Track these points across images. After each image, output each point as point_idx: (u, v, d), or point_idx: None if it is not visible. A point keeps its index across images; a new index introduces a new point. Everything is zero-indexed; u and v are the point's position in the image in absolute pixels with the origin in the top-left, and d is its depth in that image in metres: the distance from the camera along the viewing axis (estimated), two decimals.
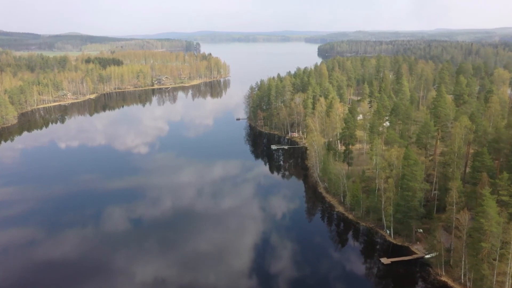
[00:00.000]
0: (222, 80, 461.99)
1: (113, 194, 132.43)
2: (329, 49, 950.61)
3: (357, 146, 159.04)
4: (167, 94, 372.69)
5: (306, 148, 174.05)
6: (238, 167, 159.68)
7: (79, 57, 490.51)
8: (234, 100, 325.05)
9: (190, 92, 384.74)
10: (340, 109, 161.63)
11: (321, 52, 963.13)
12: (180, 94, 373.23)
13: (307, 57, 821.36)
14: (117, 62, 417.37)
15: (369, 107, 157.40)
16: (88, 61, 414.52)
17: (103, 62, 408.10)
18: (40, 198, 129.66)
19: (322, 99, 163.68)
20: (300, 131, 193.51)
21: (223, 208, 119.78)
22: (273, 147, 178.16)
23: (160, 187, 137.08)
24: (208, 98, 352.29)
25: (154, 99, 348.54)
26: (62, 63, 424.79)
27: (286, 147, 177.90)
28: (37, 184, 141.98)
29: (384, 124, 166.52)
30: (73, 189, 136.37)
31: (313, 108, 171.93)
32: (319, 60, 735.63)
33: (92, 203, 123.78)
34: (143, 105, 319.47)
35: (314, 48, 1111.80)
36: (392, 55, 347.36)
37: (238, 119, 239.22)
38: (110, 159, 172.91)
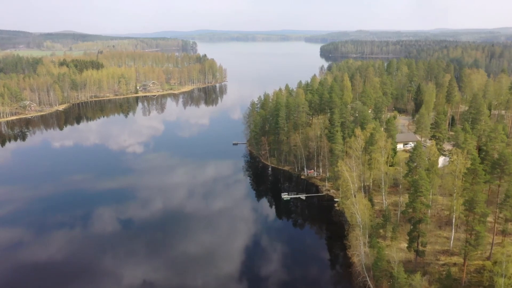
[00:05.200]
0: (217, 85, 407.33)
1: None
2: (332, 50, 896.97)
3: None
4: (153, 103, 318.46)
5: (332, 199, 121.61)
6: (229, 237, 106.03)
7: (56, 59, 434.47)
8: (231, 114, 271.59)
9: (180, 100, 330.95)
10: (387, 146, 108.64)
11: (324, 53, 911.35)
12: (168, 103, 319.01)
13: (310, 58, 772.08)
14: (96, 65, 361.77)
15: (443, 154, 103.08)
16: (62, 63, 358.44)
17: (81, 65, 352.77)
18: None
19: (358, 131, 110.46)
20: (321, 168, 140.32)
21: None
22: (284, 196, 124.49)
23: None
24: (200, 110, 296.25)
25: (133, 111, 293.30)
26: (34, 65, 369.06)
27: (303, 196, 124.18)
28: None
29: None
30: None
31: (344, 143, 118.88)
32: (322, 61, 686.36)
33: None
34: (118, 119, 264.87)
35: (315, 48, 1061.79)
36: (425, 60, 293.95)
37: (235, 144, 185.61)
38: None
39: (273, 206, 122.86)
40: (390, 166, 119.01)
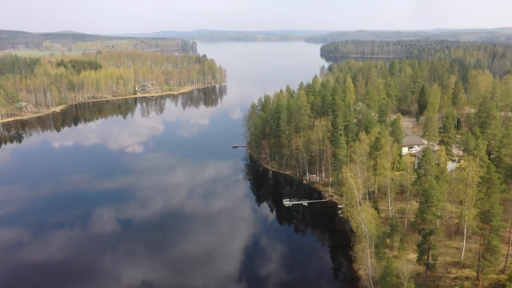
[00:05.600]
0: (217, 86, 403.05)
1: None
2: (333, 50, 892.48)
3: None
4: (152, 104, 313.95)
5: (335, 205, 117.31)
6: (228, 245, 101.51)
7: (53, 59, 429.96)
8: (231, 115, 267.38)
9: (179, 101, 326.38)
10: (393, 151, 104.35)
11: (324, 53, 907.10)
12: (167, 104, 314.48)
13: (310, 58, 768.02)
14: (94, 66, 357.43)
15: (452, 160, 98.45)
16: (60, 64, 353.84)
17: (78, 66, 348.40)
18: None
19: (363, 136, 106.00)
20: (323, 173, 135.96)
21: None
22: (286, 203, 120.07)
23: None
24: (199, 111, 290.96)
25: (132, 112, 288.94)
26: (32, 66, 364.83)
27: (305, 203, 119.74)
28: None
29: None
30: None
31: (348, 147, 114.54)
32: (323, 61, 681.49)
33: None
34: (116, 120, 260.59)
35: (315, 48, 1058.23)
36: (427, 61, 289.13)
37: (235, 147, 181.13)
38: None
39: (274, 212, 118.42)
40: (396, 171, 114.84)
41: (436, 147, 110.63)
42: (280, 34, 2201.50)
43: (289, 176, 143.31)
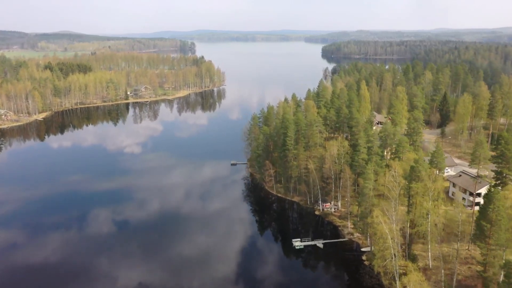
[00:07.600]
0: (215, 89, 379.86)
1: None
2: (335, 50, 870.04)
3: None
4: (145, 110, 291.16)
5: (357, 246, 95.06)
6: None
7: (42, 61, 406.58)
8: (229, 124, 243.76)
9: (174, 107, 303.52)
10: (437, 186, 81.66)
11: (326, 53, 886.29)
12: (161, 110, 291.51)
13: (311, 59, 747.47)
14: (84, 69, 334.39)
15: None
16: (47, 67, 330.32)
17: (66, 69, 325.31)
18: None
19: (396, 165, 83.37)
20: (340, 201, 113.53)
21: None
22: (296, 244, 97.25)
23: None
24: (195, 119, 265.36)
25: (123, 118, 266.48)
26: (18, 68, 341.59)
27: (320, 244, 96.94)
28: None
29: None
30: None
31: (375, 177, 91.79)
32: (324, 62, 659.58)
33: None
34: (102, 129, 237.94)
35: (316, 48, 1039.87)
36: (448, 65, 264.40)
37: (233, 164, 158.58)
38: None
39: (281, 257, 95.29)
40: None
41: (483, 172, 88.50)
42: (280, 34, 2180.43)
43: (298, 204, 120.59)
